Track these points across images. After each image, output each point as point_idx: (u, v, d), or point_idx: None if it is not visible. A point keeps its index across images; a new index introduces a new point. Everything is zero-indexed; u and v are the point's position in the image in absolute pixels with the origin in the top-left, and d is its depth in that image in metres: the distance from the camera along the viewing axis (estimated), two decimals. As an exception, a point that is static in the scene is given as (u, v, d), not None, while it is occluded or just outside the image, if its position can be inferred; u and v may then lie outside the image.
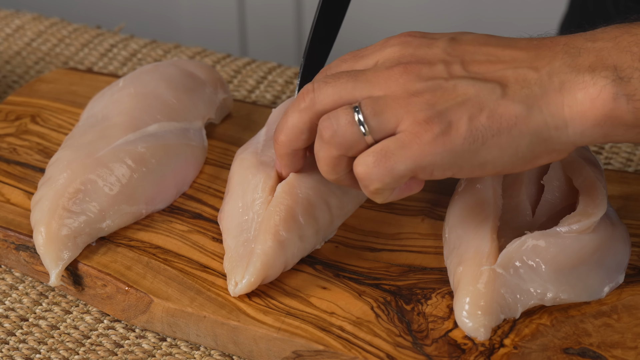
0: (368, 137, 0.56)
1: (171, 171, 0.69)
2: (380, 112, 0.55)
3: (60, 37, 0.92)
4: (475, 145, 0.54)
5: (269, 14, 1.57)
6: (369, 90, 0.56)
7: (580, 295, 0.60)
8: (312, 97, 0.57)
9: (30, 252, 0.66)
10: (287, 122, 0.59)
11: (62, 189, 0.65)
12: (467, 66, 0.56)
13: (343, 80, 0.57)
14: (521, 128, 0.54)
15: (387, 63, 0.57)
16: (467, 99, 0.55)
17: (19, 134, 0.75)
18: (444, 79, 0.55)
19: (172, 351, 0.62)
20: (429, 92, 0.55)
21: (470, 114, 0.54)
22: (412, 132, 0.54)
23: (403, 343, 0.58)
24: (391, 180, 0.55)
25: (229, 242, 0.63)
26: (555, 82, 0.54)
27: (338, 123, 0.56)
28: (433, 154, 0.54)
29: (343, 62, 0.60)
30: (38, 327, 0.64)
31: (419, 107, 0.55)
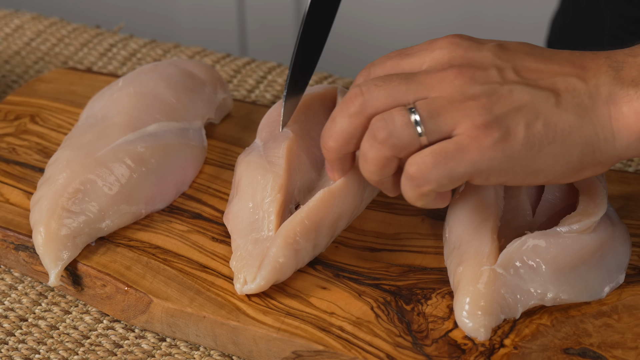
0: (423, 138, 0.56)
1: (171, 171, 0.69)
2: (437, 114, 0.55)
3: (59, 37, 0.92)
4: (532, 152, 0.55)
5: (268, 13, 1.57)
6: (423, 92, 0.56)
7: (580, 295, 0.60)
8: (362, 101, 0.57)
9: (30, 252, 0.66)
10: (336, 127, 0.58)
11: (61, 189, 0.65)
12: (519, 72, 0.57)
13: (395, 82, 0.57)
14: (574, 138, 0.55)
15: (439, 65, 0.57)
16: (522, 105, 0.55)
17: (18, 133, 0.75)
18: (498, 83, 0.56)
19: (172, 351, 0.62)
20: (485, 96, 0.55)
21: (527, 121, 0.55)
22: (471, 135, 0.55)
23: (403, 343, 0.58)
24: (448, 182, 0.56)
25: (239, 241, 0.63)
26: (603, 95, 0.56)
27: (394, 124, 0.56)
28: (492, 159, 0.55)
29: (388, 59, 0.59)
30: (37, 327, 0.64)
31: (477, 111, 0.55)
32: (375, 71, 0.59)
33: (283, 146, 0.64)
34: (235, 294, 0.61)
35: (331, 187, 0.62)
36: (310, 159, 0.66)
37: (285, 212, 0.63)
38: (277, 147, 0.65)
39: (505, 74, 0.56)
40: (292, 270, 0.61)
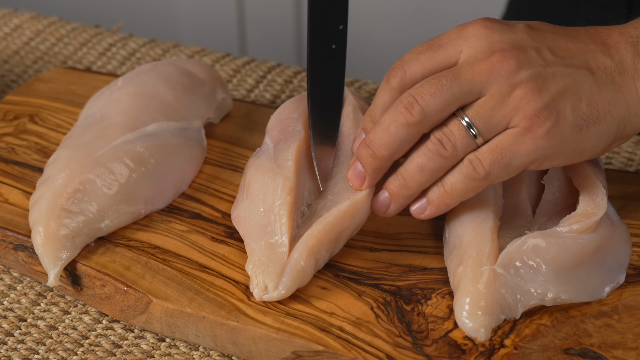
0: (479, 140, 0.58)
1: (170, 171, 0.68)
2: (489, 117, 0.57)
3: (58, 36, 0.92)
4: (581, 134, 0.57)
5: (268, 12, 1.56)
6: (476, 91, 0.57)
7: (580, 295, 0.60)
8: (420, 110, 0.58)
9: (29, 252, 0.65)
10: (391, 136, 0.59)
11: (60, 189, 0.65)
12: (554, 52, 0.58)
13: (446, 86, 0.57)
14: (613, 114, 0.58)
15: (480, 54, 0.58)
16: (566, 87, 0.57)
17: (17, 133, 0.75)
18: (541, 66, 0.57)
19: (171, 352, 0.62)
20: (532, 81, 0.57)
21: (573, 103, 0.57)
22: (525, 127, 0.57)
23: (403, 343, 0.58)
24: (505, 175, 0.58)
25: (253, 245, 0.62)
26: (629, 70, 0.58)
27: (454, 138, 0.58)
28: (546, 146, 0.57)
29: (420, 54, 0.59)
30: (36, 327, 0.64)
31: (526, 100, 0.57)
32: (410, 69, 0.59)
33: (292, 148, 0.64)
34: (235, 294, 0.61)
35: (356, 199, 0.62)
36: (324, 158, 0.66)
37: (296, 214, 0.63)
38: (287, 149, 0.64)
39: (544, 55, 0.58)
40: (310, 278, 0.61)
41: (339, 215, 0.61)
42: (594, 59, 0.58)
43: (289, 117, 0.67)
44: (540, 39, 0.59)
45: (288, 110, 0.67)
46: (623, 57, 0.58)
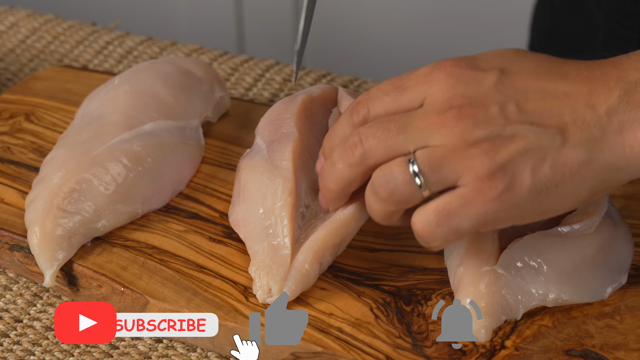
0: (425, 192, 0.54)
1: (167, 170, 0.68)
2: (438, 167, 0.53)
3: (55, 34, 0.91)
4: (540, 197, 0.53)
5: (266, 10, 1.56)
6: (423, 140, 0.54)
7: (582, 296, 0.59)
8: (362, 152, 0.55)
9: (25, 252, 0.65)
10: (337, 173, 0.57)
11: (56, 188, 0.65)
12: (522, 106, 0.54)
13: (393, 132, 0.54)
14: (584, 174, 0.53)
15: (437, 105, 0.54)
16: (527, 148, 0.53)
17: (13, 132, 0.74)
18: (501, 125, 0.53)
19: (169, 353, 0.61)
20: (487, 141, 0.53)
21: (533, 165, 0.53)
22: (475, 188, 0.53)
23: (403, 344, 0.58)
24: (454, 238, 0.54)
25: (255, 247, 0.62)
26: (615, 123, 0.53)
27: (395, 182, 0.54)
28: (498, 210, 0.53)
29: (385, 94, 0.56)
30: (32, 328, 0.63)
31: (480, 161, 0.53)
32: (374, 109, 0.57)
33: (288, 149, 0.64)
34: (233, 294, 0.61)
35: (361, 203, 0.61)
36: (314, 159, 0.66)
37: (297, 216, 0.62)
38: (282, 150, 0.64)
39: (508, 112, 0.53)
40: (314, 282, 0.61)
41: (345, 219, 0.61)
42: (572, 112, 0.53)
43: (280, 118, 0.66)
44: (510, 92, 0.54)
45: (278, 111, 0.67)
46: (612, 107, 0.53)
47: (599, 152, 0.53)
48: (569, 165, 0.53)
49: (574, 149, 0.53)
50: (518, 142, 0.53)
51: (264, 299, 0.60)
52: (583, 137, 0.53)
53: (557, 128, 0.53)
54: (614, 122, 0.53)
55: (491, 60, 0.56)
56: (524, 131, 0.53)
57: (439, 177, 0.53)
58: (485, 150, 0.53)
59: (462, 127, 0.53)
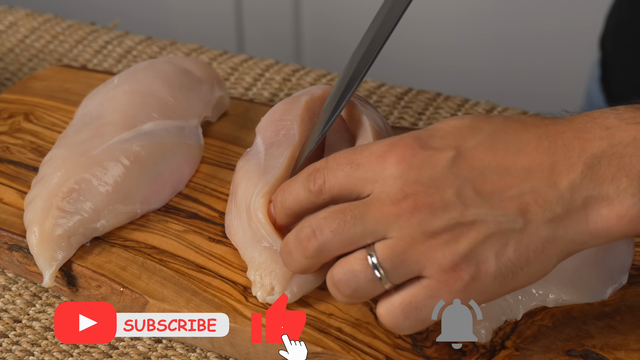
0: (388, 285, 0.53)
1: (167, 170, 0.68)
2: (400, 262, 0.52)
3: (54, 34, 0.91)
4: (506, 280, 0.52)
5: (266, 9, 1.56)
6: (380, 232, 0.52)
7: (582, 296, 0.59)
8: (317, 246, 0.54)
9: (24, 252, 0.65)
10: (295, 262, 0.55)
11: (56, 188, 0.64)
12: (479, 189, 0.52)
13: (349, 223, 0.53)
14: (548, 253, 0.52)
15: (392, 194, 0.52)
16: (489, 234, 0.51)
17: (12, 132, 0.74)
18: (459, 212, 0.51)
19: (168, 353, 0.61)
20: (447, 230, 0.51)
21: (497, 251, 0.52)
22: (440, 280, 0.52)
23: (402, 345, 0.57)
24: (422, 327, 0.54)
25: (250, 254, 0.61)
26: (578, 200, 0.52)
27: (357, 280, 0.53)
28: (465, 299, 0.52)
29: (339, 168, 0.55)
30: (31, 328, 0.63)
31: (442, 252, 0.51)
32: (329, 181, 0.55)
33: (285, 155, 0.63)
34: (233, 294, 0.61)
35: None
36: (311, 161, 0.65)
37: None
38: (279, 156, 0.64)
39: (465, 197, 0.52)
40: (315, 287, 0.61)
41: None
42: (533, 191, 0.51)
43: (282, 119, 0.66)
44: (466, 173, 0.52)
45: (280, 112, 0.67)
46: (575, 184, 0.51)
47: (562, 229, 0.52)
48: (533, 246, 0.52)
49: (536, 230, 0.52)
50: (479, 229, 0.52)
51: (264, 297, 0.59)
52: (545, 216, 0.52)
53: (518, 210, 0.52)
54: (577, 199, 0.52)
55: (445, 138, 0.53)
56: (483, 216, 0.52)
57: (402, 271, 0.52)
58: (445, 240, 0.52)
59: (419, 218, 0.52)
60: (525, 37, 1.44)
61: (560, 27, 1.42)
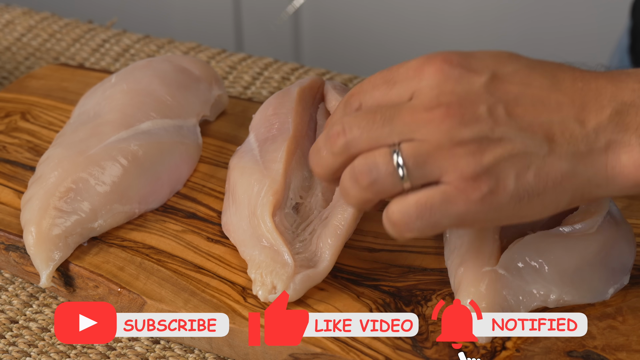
0: (407, 184, 0.53)
1: (165, 169, 0.68)
2: (423, 162, 0.53)
3: (51, 32, 0.91)
4: (521, 204, 0.53)
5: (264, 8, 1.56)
6: (408, 134, 0.53)
7: (584, 296, 0.59)
8: (344, 142, 0.55)
9: (20, 252, 0.65)
10: (321, 160, 0.56)
11: (53, 188, 0.64)
12: (511, 110, 0.53)
13: (378, 123, 0.54)
14: (565, 186, 0.53)
15: (426, 101, 0.53)
16: (514, 153, 0.53)
17: (8, 131, 0.74)
18: (489, 126, 0.53)
19: (166, 354, 0.61)
20: (474, 142, 0.52)
21: (517, 171, 0.53)
22: (459, 188, 0.52)
23: (402, 346, 0.57)
24: (430, 232, 0.54)
25: (250, 252, 0.61)
26: (602, 141, 0.53)
27: (378, 171, 0.54)
28: (479, 211, 0.53)
29: (375, 88, 0.56)
30: (28, 329, 0.63)
31: (466, 161, 0.52)
32: (366, 102, 0.56)
33: (283, 149, 0.63)
34: (231, 295, 0.60)
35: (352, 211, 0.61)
36: (304, 155, 0.65)
37: (280, 214, 0.62)
38: (276, 150, 0.64)
39: (496, 115, 0.53)
40: None
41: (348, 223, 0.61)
42: (560, 123, 0.53)
43: (275, 114, 0.66)
44: (501, 94, 0.53)
45: (273, 106, 0.67)
46: (601, 125, 0.53)
47: (582, 166, 0.53)
48: (552, 175, 0.53)
49: (558, 160, 0.53)
50: (505, 146, 0.53)
51: (265, 297, 0.59)
52: (569, 150, 0.53)
53: (545, 136, 0.53)
54: (601, 140, 0.53)
55: (484, 60, 0.55)
56: (512, 135, 0.53)
57: (423, 172, 0.53)
58: (471, 151, 0.52)
59: (449, 125, 0.53)
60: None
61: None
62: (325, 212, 0.62)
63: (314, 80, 0.68)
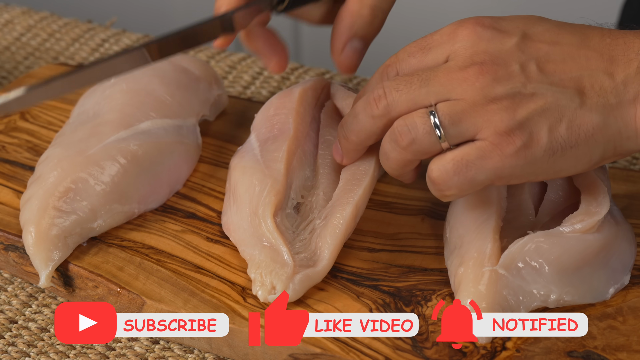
0: (444, 143, 0.56)
1: (164, 169, 0.67)
2: (458, 120, 0.55)
3: (50, 32, 0.91)
4: (555, 157, 0.55)
5: (263, 8, 1.55)
6: (444, 94, 0.56)
7: (584, 296, 0.59)
8: (385, 105, 0.57)
9: (20, 252, 0.64)
10: (359, 124, 0.59)
11: (52, 188, 0.64)
12: (543, 66, 0.56)
13: (415, 85, 0.56)
14: (597, 138, 0.55)
15: (460, 61, 0.56)
16: (546, 107, 0.55)
17: (7, 131, 0.74)
18: (521, 82, 0.55)
19: (165, 354, 0.61)
20: (507, 98, 0.55)
21: (550, 124, 0.55)
22: (494, 142, 0.55)
23: (402, 346, 0.57)
24: (469, 188, 0.56)
25: (250, 251, 0.61)
26: (630, 93, 0.55)
27: (416, 130, 0.56)
28: (514, 166, 0.55)
29: (410, 56, 0.59)
30: (27, 329, 0.63)
31: (499, 117, 0.55)
32: (402, 70, 0.59)
33: (283, 149, 0.63)
34: (231, 295, 0.60)
35: (357, 201, 0.62)
36: (306, 155, 0.65)
37: (281, 214, 0.62)
38: (277, 150, 0.64)
39: (528, 71, 0.55)
40: None
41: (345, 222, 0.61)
42: (590, 77, 0.55)
43: (277, 114, 0.66)
44: (532, 51, 0.56)
45: (274, 107, 0.67)
46: (629, 78, 0.55)
47: (612, 118, 0.55)
48: (584, 127, 0.55)
49: (589, 112, 0.55)
50: (537, 100, 0.55)
51: (265, 297, 0.59)
52: (599, 101, 0.55)
53: (576, 89, 0.55)
54: (630, 92, 0.55)
55: (514, 22, 0.57)
56: (544, 90, 0.55)
57: (459, 130, 0.55)
58: (504, 106, 0.54)
59: (483, 83, 0.55)
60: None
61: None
62: (325, 212, 0.62)
63: (317, 80, 0.68)
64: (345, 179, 0.63)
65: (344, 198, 0.62)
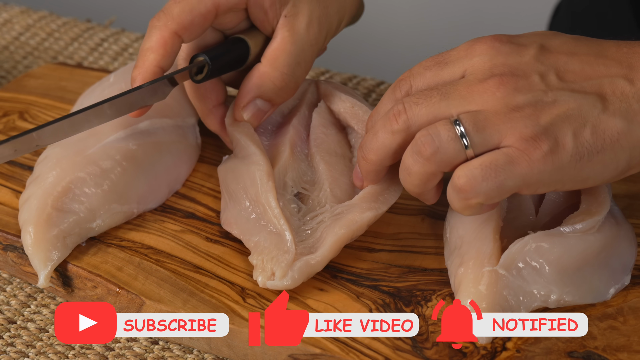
0: (469, 151, 0.55)
1: (163, 169, 0.67)
2: (482, 127, 0.55)
3: (49, 31, 0.91)
4: (582, 162, 0.55)
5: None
6: (465, 105, 0.55)
7: (585, 297, 0.59)
8: (405, 119, 0.56)
9: (18, 252, 0.64)
10: (379, 142, 0.58)
11: (51, 188, 0.64)
12: (562, 75, 0.56)
13: (435, 99, 0.56)
14: (622, 143, 0.55)
15: (479, 74, 0.56)
16: (569, 113, 0.55)
17: (6, 130, 0.74)
18: (542, 91, 0.55)
19: (165, 355, 0.61)
20: (529, 106, 0.55)
21: (575, 130, 0.54)
22: (520, 148, 0.54)
23: (402, 346, 0.57)
24: (497, 195, 0.55)
25: (255, 239, 0.61)
26: None
27: (440, 139, 0.55)
28: (542, 171, 0.54)
29: (426, 69, 0.58)
30: (26, 329, 0.62)
31: (523, 123, 0.54)
32: (416, 83, 0.58)
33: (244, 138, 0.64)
34: (230, 295, 0.60)
35: (378, 213, 0.62)
36: (294, 150, 0.66)
37: (282, 199, 0.62)
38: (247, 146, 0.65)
39: (548, 81, 0.55)
40: None
41: (363, 222, 0.61)
42: (611, 83, 0.55)
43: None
44: (550, 62, 0.56)
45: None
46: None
47: (636, 123, 0.55)
48: (609, 132, 0.55)
49: (613, 117, 0.55)
50: (559, 107, 0.55)
51: (264, 282, 0.59)
52: (622, 107, 0.55)
53: (597, 95, 0.55)
54: None
55: (530, 37, 0.58)
56: (565, 97, 0.55)
57: (483, 137, 0.55)
58: (527, 114, 0.54)
59: (503, 92, 0.55)
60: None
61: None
62: (340, 208, 0.62)
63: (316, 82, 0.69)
64: (373, 188, 0.62)
65: (367, 204, 0.61)
